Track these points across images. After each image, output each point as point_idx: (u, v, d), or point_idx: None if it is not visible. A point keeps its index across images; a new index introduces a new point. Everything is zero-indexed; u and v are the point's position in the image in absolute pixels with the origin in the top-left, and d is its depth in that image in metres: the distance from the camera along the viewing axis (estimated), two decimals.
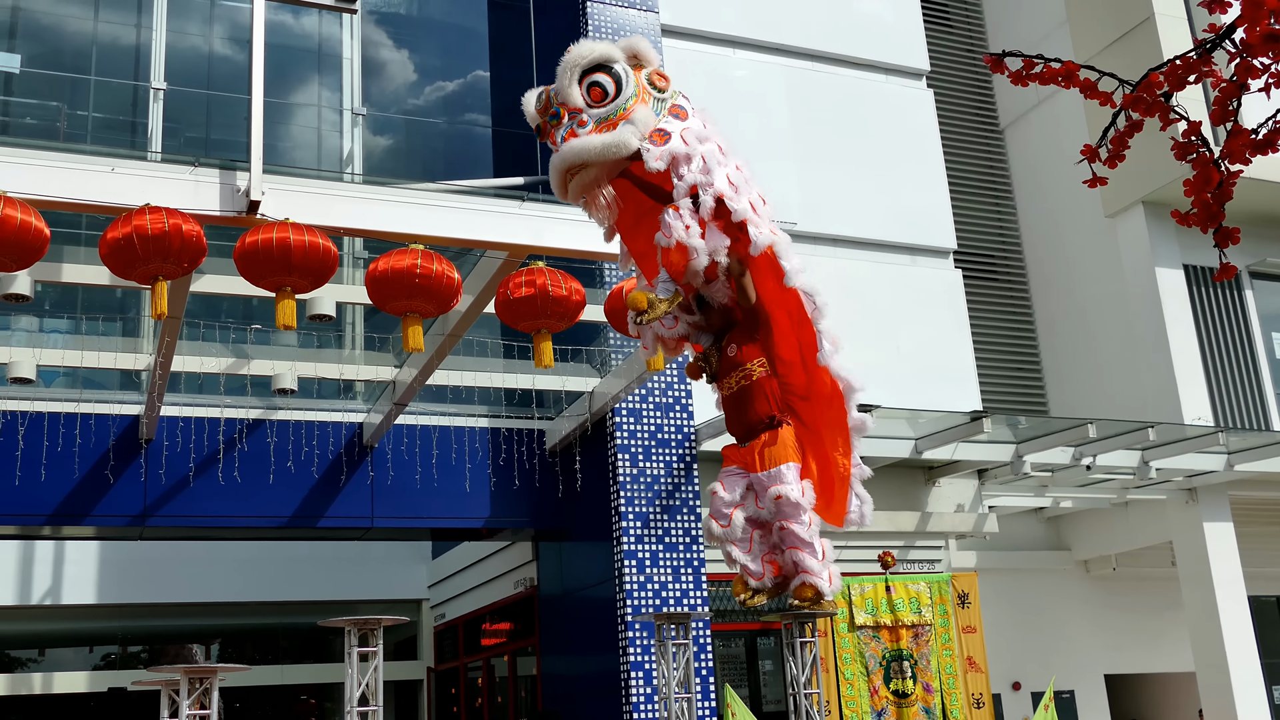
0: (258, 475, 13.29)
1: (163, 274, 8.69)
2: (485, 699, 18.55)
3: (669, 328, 8.26)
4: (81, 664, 20.95)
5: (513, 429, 14.56)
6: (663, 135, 7.93)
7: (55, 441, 12.59)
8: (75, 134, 15.69)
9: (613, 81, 7.91)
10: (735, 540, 7.94)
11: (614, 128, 7.78)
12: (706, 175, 7.58)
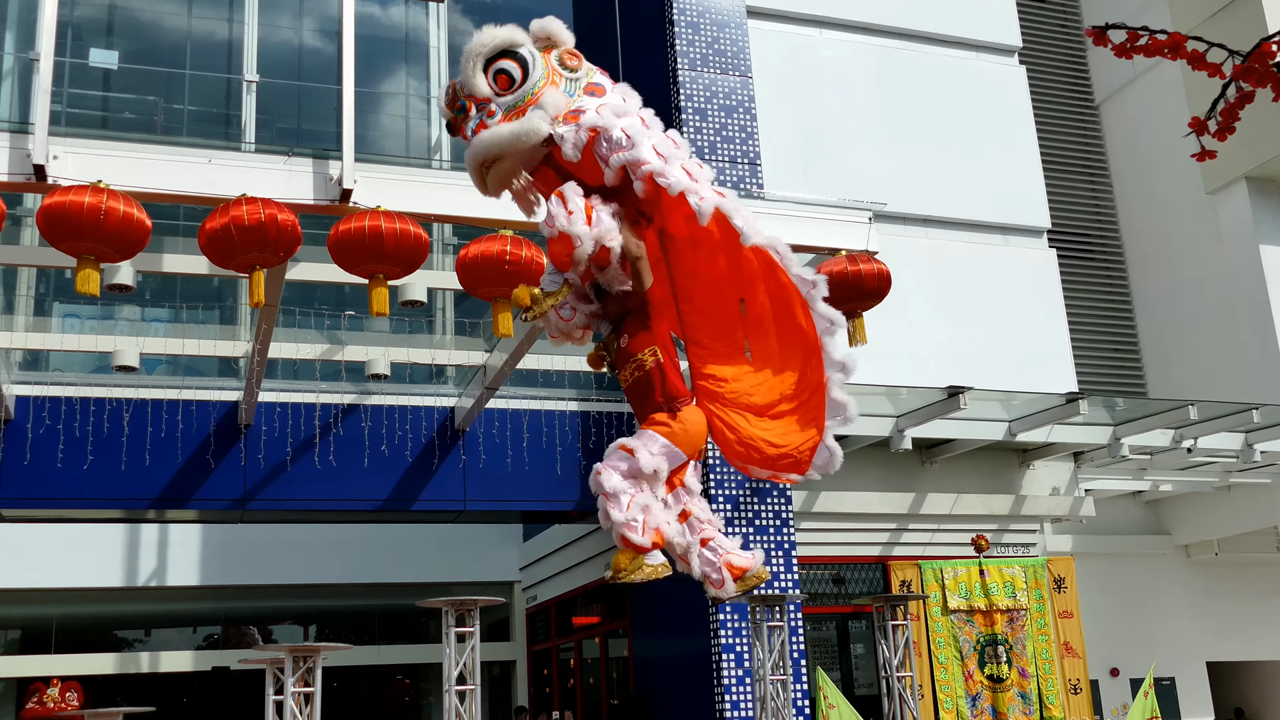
0: (353, 459, 13.52)
1: (260, 263, 8.85)
2: (577, 680, 18.70)
3: (566, 319, 7.86)
4: (185, 644, 21.52)
5: (602, 412, 14.62)
6: (577, 116, 7.29)
7: (159, 427, 12.94)
8: (172, 127, 16.06)
9: (519, 67, 7.32)
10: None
11: (523, 114, 7.19)
12: (631, 149, 7.18)
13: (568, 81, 8.11)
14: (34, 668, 17.20)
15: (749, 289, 7.25)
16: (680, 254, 7.24)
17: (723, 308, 7.18)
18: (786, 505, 13.80)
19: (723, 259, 7.24)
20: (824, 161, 15.42)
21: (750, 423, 7.41)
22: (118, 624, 20.61)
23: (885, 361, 13.83)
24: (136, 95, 16.79)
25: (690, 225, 7.17)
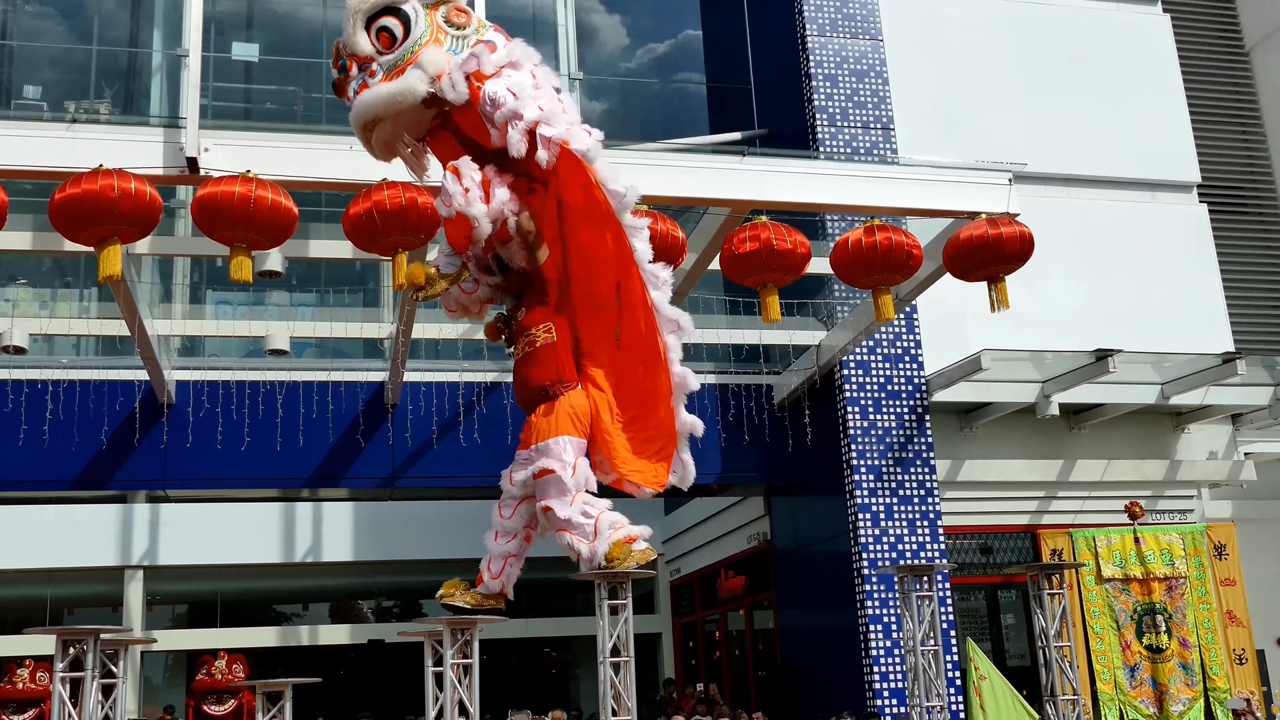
0: (496, 435, 13.74)
1: (402, 245, 9.00)
2: (723, 652, 18.75)
3: (469, 292, 7.61)
4: (340, 617, 22.21)
5: (741, 385, 14.57)
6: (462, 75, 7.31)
7: (310, 408, 13.34)
8: (311, 116, 16.47)
9: (401, 24, 7.36)
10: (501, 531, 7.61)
11: (402, 73, 7.29)
12: (516, 102, 6.88)
13: (453, 39, 7.84)
14: (201, 641, 17.92)
15: (626, 272, 7.09)
16: (574, 227, 7.16)
17: (601, 290, 7.14)
18: (931, 475, 13.59)
19: (610, 236, 7.06)
20: (959, 124, 15.07)
21: (610, 428, 7.22)
22: (276, 599, 21.35)
23: (1029, 326, 13.50)
24: (277, 86, 17.28)
25: (585, 195, 6.98)
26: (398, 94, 7.17)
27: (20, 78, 15.89)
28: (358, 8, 7.33)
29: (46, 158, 8.92)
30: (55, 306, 13.97)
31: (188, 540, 18.46)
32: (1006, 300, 10.12)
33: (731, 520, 17.32)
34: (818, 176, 10.82)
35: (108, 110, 15.70)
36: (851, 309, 13.41)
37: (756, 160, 10.57)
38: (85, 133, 9.10)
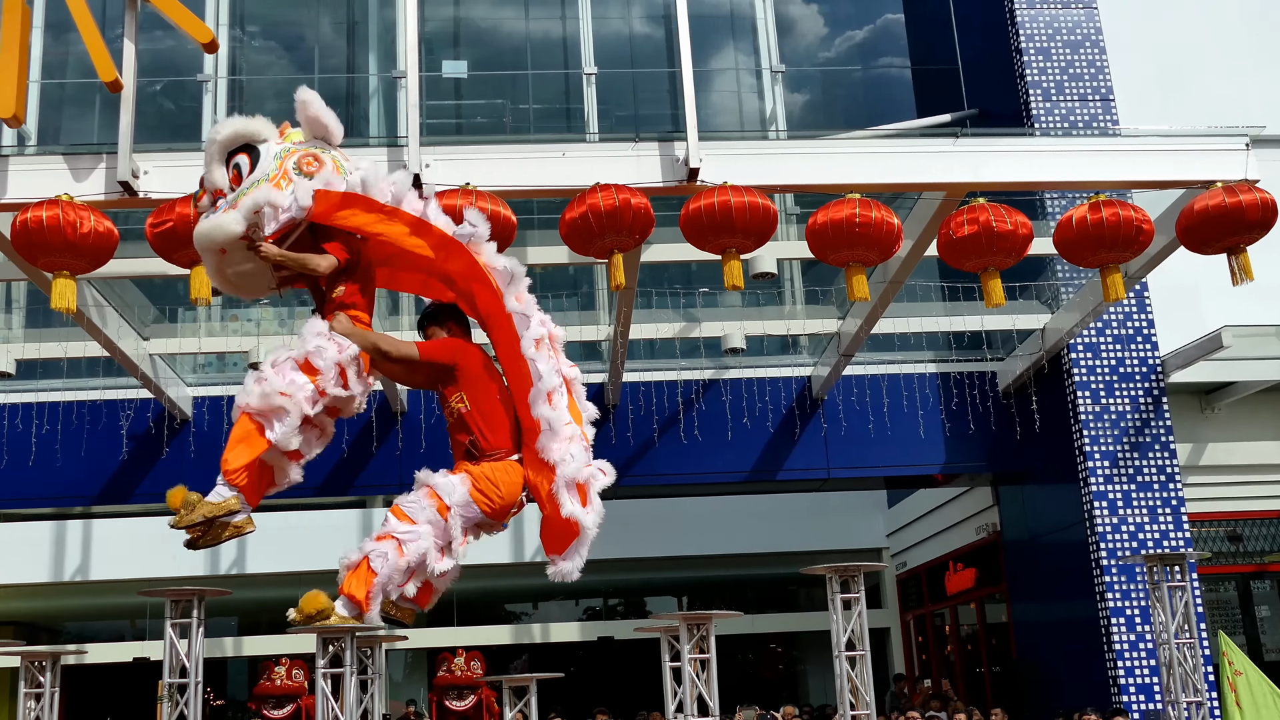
0: (716, 432, 13.81)
1: (617, 247, 9.16)
2: (954, 647, 18.32)
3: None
4: (569, 615, 22.70)
5: (963, 372, 14.22)
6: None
7: None
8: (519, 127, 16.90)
9: (250, 162, 7.10)
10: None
11: (228, 212, 6.93)
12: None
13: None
14: (440, 639, 18.59)
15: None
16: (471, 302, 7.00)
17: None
18: (1171, 459, 12.95)
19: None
20: (1184, 89, 14.29)
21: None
22: (508, 598, 21.97)
23: (1272, 298, 12.68)
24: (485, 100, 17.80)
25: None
26: (208, 231, 6.99)
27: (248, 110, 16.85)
28: (213, 139, 7.28)
29: None
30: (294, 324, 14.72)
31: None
32: (1250, 272, 9.55)
33: (958, 511, 16.90)
34: (1036, 154, 10.45)
35: None
36: (1077, 289, 12.90)
37: (970, 141, 10.28)
38: None
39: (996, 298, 9.72)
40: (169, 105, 14.86)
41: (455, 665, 17.20)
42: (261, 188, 6.97)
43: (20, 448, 13.84)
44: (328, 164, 7.16)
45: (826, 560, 8.46)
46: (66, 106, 14.27)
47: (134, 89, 9.25)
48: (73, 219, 8.52)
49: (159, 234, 8.68)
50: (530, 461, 6.67)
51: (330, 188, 6.97)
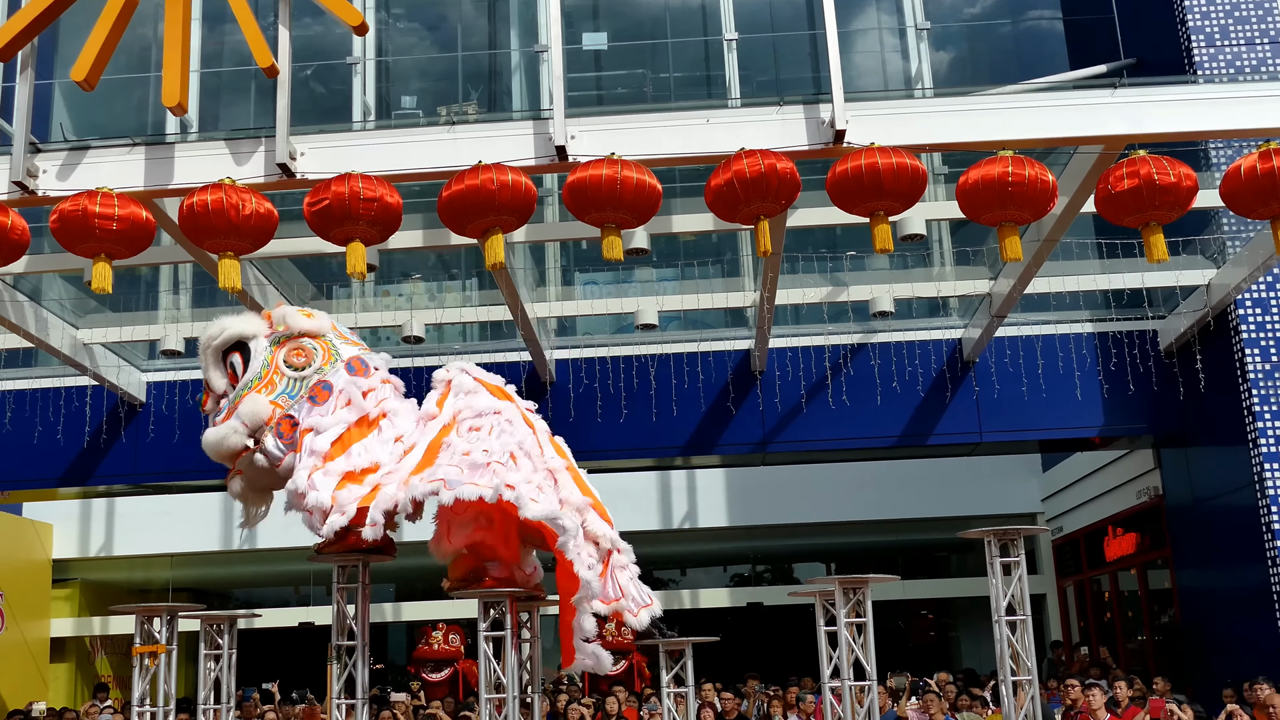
0: (865, 397, 13.68)
1: (763, 213, 9.09)
2: (1115, 613, 17.85)
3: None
4: (716, 582, 22.81)
5: (1122, 331, 13.78)
6: (291, 424, 7.57)
7: (681, 379, 13.74)
8: (660, 95, 16.88)
9: (243, 362, 7.63)
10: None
11: (228, 420, 7.62)
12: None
13: (290, 381, 7.76)
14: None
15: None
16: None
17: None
18: None
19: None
20: None
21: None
22: (655, 564, 22.16)
23: None
24: (626, 70, 17.82)
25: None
26: (213, 444, 7.69)
27: (396, 90, 17.17)
28: (205, 346, 7.82)
29: (431, 159, 9.59)
30: (443, 298, 15.04)
31: None
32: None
33: (1117, 475, 16.42)
34: (1199, 102, 10.00)
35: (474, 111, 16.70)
36: (1245, 242, 12.35)
37: (1129, 91, 9.88)
38: (463, 133, 9.69)
39: (1159, 253, 9.35)
40: (320, 89, 15.26)
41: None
42: (250, 395, 7.61)
43: (191, 422, 14.47)
44: (316, 353, 7.82)
45: (978, 525, 8.32)
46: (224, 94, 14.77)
47: (289, 74, 9.52)
48: (235, 201, 8.82)
49: (316, 212, 8.93)
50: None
51: (320, 376, 7.73)
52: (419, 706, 14.33)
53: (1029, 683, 8.07)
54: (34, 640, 20.49)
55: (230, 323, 7.82)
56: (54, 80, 13.01)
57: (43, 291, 13.33)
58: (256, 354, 7.69)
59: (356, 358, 8.09)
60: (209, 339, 7.80)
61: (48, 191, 9.30)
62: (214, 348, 7.79)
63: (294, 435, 7.57)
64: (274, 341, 7.82)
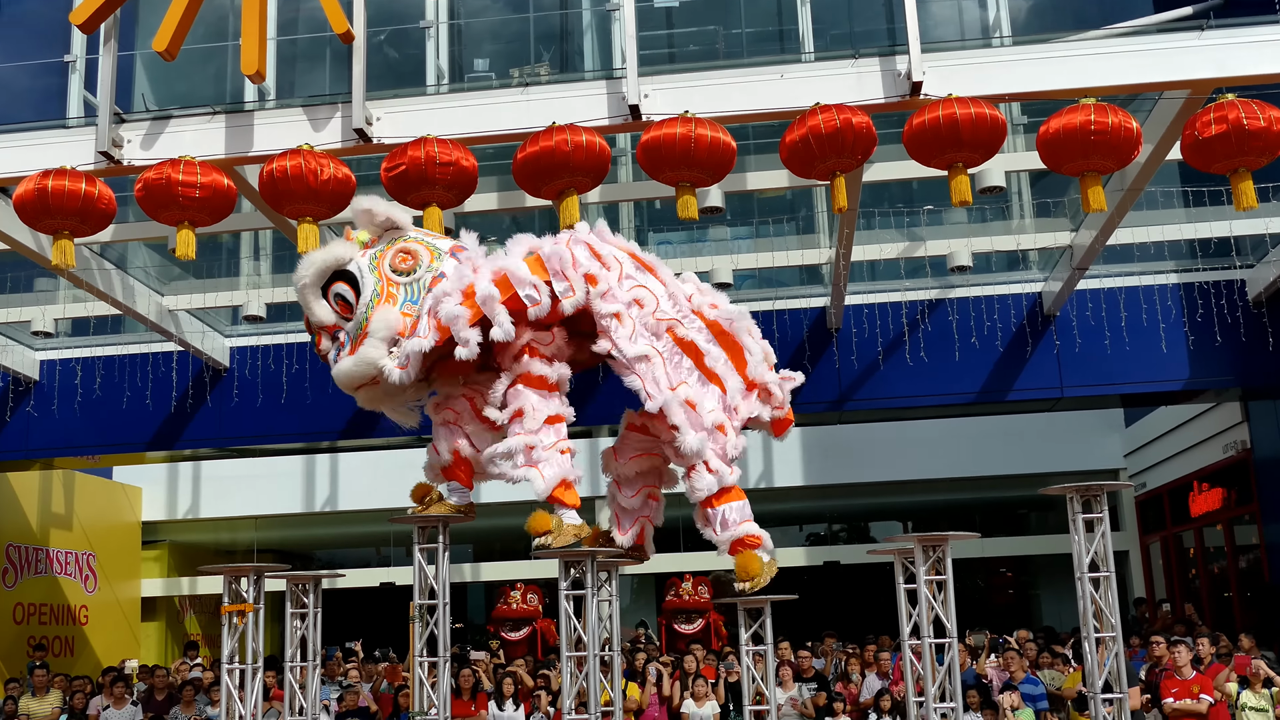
0: (943, 353, 13.54)
1: (839, 168, 9.00)
2: (1200, 570, 17.57)
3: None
4: (793, 541, 22.79)
5: (1208, 282, 13.46)
6: (416, 322, 7.49)
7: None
8: (732, 52, 16.70)
9: (351, 289, 7.37)
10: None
11: (360, 345, 7.38)
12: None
13: (405, 288, 7.52)
14: (668, 564, 18.96)
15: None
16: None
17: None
18: None
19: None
20: None
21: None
22: None
23: None
24: (697, 27, 17.65)
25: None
26: (355, 370, 7.40)
27: (469, 53, 17.19)
28: (302, 281, 7.55)
29: (505, 122, 9.61)
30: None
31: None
32: None
33: (1203, 429, 16.12)
34: None
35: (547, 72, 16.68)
36: None
37: (1217, 33, 9.59)
38: (536, 95, 9.69)
39: (1248, 200, 9.11)
40: (393, 54, 15.29)
41: (683, 590, 17.53)
42: (379, 311, 7.41)
43: (273, 386, 14.73)
44: (421, 254, 7.63)
45: (1058, 482, 8.22)
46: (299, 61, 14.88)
47: (364, 39, 9.58)
48: (314, 167, 8.92)
49: (393, 177, 9.01)
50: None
51: (433, 273, 7.56)
52: (499, 665, 14.53)
53: (1112, 639, 7.98)
54: (125, 600, 21.10)
55: (319, 254, 7.66)
56: (135, 51, 13.18)
57: (129, 260, 13.60)
58: (364, 274, 7.50)
59: (456, 245, 8.07)
60: (302, 274, 7.60)
61: (132, 161, 9.48)
62: (310, 282, 7.59)
63: (405, 349, 7.42)
64: (373, 258, 7.63)
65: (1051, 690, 11.75)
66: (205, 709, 13.00)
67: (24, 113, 14.47)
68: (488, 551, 23.57)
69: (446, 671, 8.14)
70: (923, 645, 8.12)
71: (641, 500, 8.38)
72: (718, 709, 12.17)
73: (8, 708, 13.71)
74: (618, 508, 8.37)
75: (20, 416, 15.29)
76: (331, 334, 7.64)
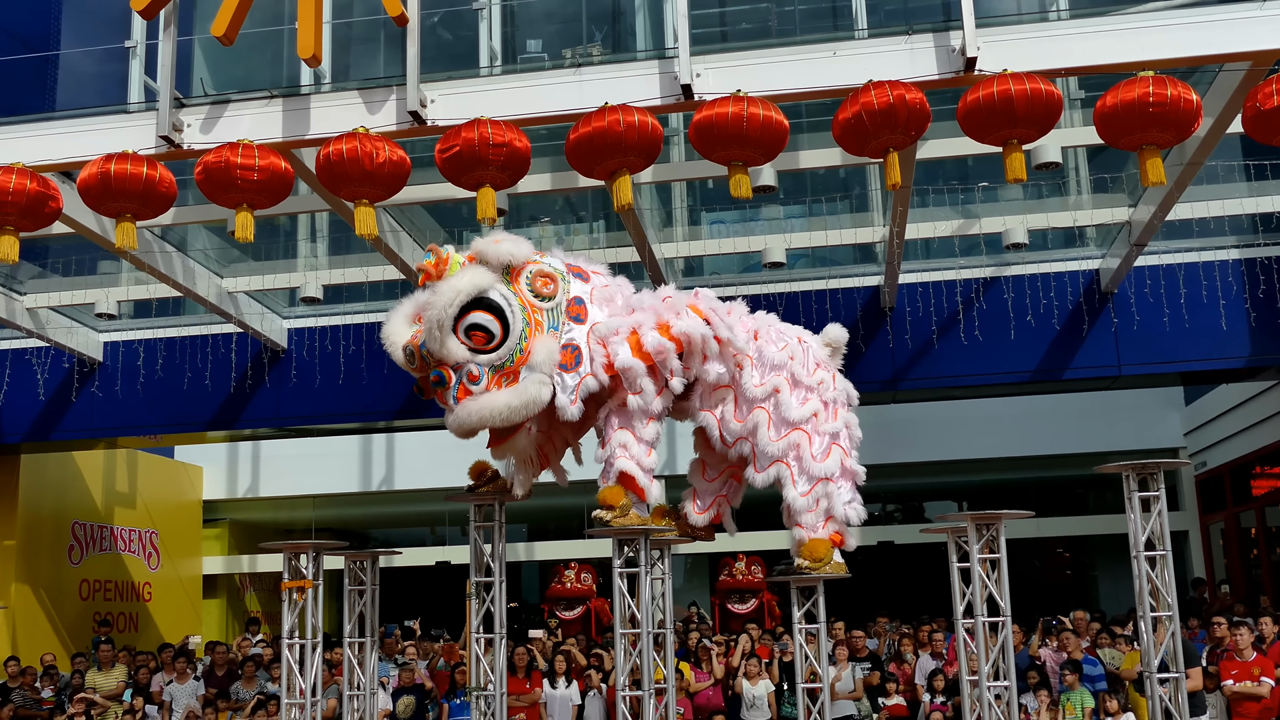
0: (998, 331, 13.42)
1: (893, 145, 8.94)
2: (1262, 551, 17.33)
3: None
4: None
5: (1271, 257, 13.23)
6: (571, 354, 7.20)
7: (809, 318, 13.56)
8: (784, 29, 16.59)
9: (496, 320, 6.92)
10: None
11: (514, 377, 6.94)
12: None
13: (548, 314, 7.30)
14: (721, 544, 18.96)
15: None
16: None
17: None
18: None
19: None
20: None
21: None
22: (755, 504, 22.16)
23: None
24: (750, 5, 17.55)
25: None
26: (518, 407, 6.99)
27: (520, 34, 17.22)
28: (441, 319, 6.98)
29: (558, 103, 9.62)
30: (571, 240, 15.15)
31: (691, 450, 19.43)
32: None
33: (1265, 407, 15.89)
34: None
35: (599, 52, 16.67)
36: None
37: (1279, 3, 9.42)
38: (589, 75, 9.70)
39: None
40: (446, 35, 15.36)
41: (737, 569, 17.55)
42: (537, 342, 7.16)
43: (330, 367, 14.91)
44: (556, 277, 7.54)
45: (1116, 461, 8.14)
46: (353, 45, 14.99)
47: (418, 22, 9.64)
48: (369, 149, 9.01)
49: (447, 159, 9.07)
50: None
51: (567, 295, 7.55)
52: (556, 643, 14.66)
53: (1169, 619, 7.91)
54: (187, 577, 21.50)
55: (463, 283, 7.12)
56: (193, 36, 13.35)
57: (189, 243, 13.81)
58: (510, 302, 7.13)
59: (568, 263, 8.02)
60: (445, 306, 7.02)
61: (192, 145, 9.62)
62: (450, 315, 7.01)
63: (577, 365, 7.31)
64: (506, 283, 7.34)
65: (1110, 670, 11.66)
66: (266, 684, 13.23)
67: (87, 98, 14.73)
68: (541, 531, 23.73)
69: (503, 648, 8.24)
70: (976, 624, 8.10)
71: (723, 481, 8.53)
72: (772, 688, 12.20)
73: (75, 681, 14.04)
74: (698, 486, 8.52)
75: (85, 397, 15.59)
76: (453, 368, 7.18)
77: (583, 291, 7.71)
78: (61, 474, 18.37)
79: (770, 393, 8.10)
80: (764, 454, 7.93)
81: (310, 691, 9.15)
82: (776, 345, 8.31)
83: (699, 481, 8.53)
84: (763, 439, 7.93)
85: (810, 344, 8.52)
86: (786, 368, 8.23)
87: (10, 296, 14.24)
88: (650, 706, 7.49)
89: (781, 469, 7.93)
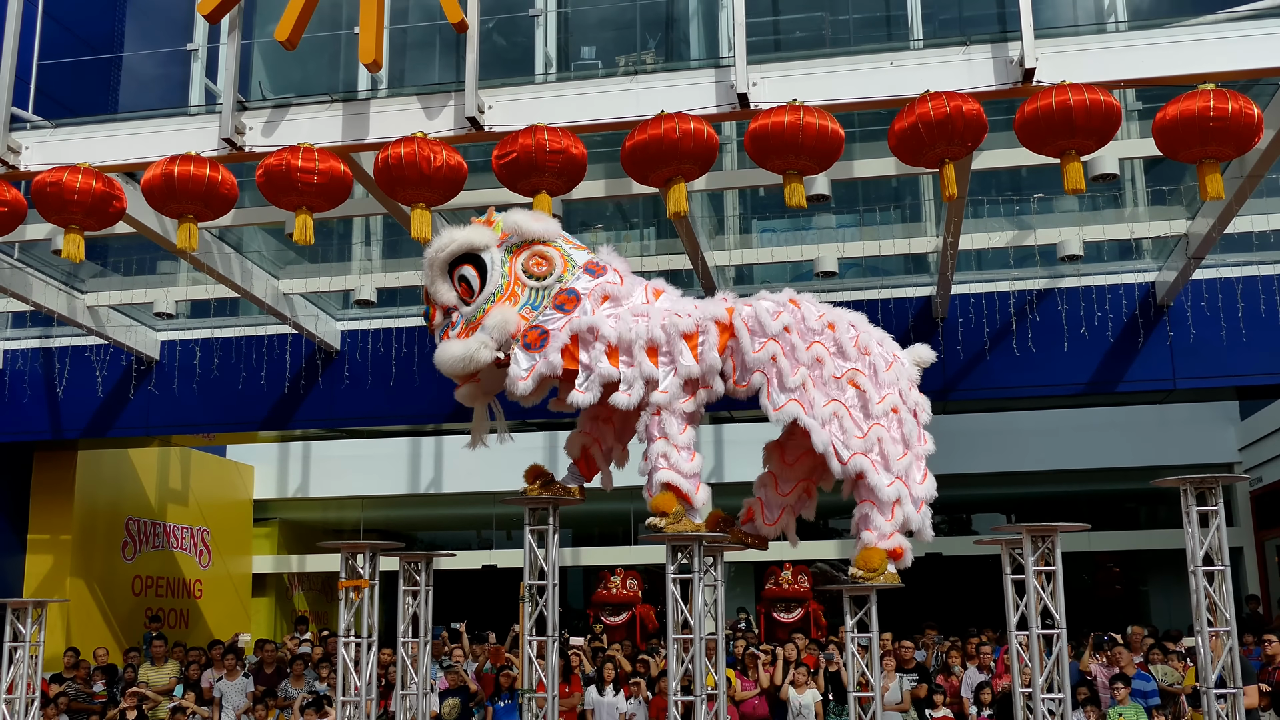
0: (1051, 343, 13.33)
1: (949, 156, 8.93)
2: None
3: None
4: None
5: None
6: (538, 335, 7.28)
7: None
8: (838, 39, 16.57)
9: (478, 275, 7.27)
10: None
11: (472, 333, 7.29)
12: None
13: (533, 291, 7.42)
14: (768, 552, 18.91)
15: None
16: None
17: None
18: None
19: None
20: None
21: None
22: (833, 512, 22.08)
23: None
24: (804, 14, 17.55)
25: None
26: (460, 359, 7.35)
27: (575, 41, 17.32)
28: (433, 259, 7.50)
29: (614, 110, 9.69)
30: (623, 247, 15.18)
31: (741, 457, 19.46)
32: None
33: None
34: None
35: (653, 60, 16.74)
36: None
37: None
38: (644, 83, 9.75)
39: None
40: (501, 42, 15.48)
41: (783, 579, 17.54)
42: (496, 308, 7.41)
43: (382, 369, 15.05)
44: (555, 261, 7.58)
45: (1170, 475, 8.07)
46: (410, 50, 15.15)
47: (477, 28, 9.73)
48: (427, 154, 9.11)
49: (504, 164, 9.16)
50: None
51: (563, 284, 7.55)
52: (598, 648, 14.69)
53: (1226, 634, 7.83)
54: (237, 576, 21.75)
55: (459, 233, 7.58)
56: (254, 40, 13.55)
57: (245, 244, 14.00)
58: (494, 265, 7.44)
59: (591, 261, 8.02)
60: (437, 250, 7.55)
61: (253, 148, 9.77)
62: (442, 259, 7.52)
63: (542, 346, 7.40)
64: (507, 251, 7.59)
65: (1164, 686, 11.54)
66: (314, 683, 13.36)
67: (149, 100, 14.99)
68: (586, 537, 23.78)
69: (555, 651, 8.29)
70: (1030, 637, 8.05)
71: (796, 495, 8.54)
72: (819, 697, 12.17)
73: (127, 675, 14.24)
74: (765, 497, 8.50)
75: (141, 394, 15.83)
76: (445, 311, 7.69)
77: (583, 288, 7.76)
78: (117, 470, 18.65)
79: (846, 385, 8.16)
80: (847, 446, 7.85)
81: (365, 690, 9.24)
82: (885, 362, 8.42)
83: (769, 494, 8.50)
84: (849, 427, 7.92)
85: (902, 359, 8.48)
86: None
87: (71, 294, 14.49)
88: (701, 712, 7.51)
89: (863, 460, 7.84)
